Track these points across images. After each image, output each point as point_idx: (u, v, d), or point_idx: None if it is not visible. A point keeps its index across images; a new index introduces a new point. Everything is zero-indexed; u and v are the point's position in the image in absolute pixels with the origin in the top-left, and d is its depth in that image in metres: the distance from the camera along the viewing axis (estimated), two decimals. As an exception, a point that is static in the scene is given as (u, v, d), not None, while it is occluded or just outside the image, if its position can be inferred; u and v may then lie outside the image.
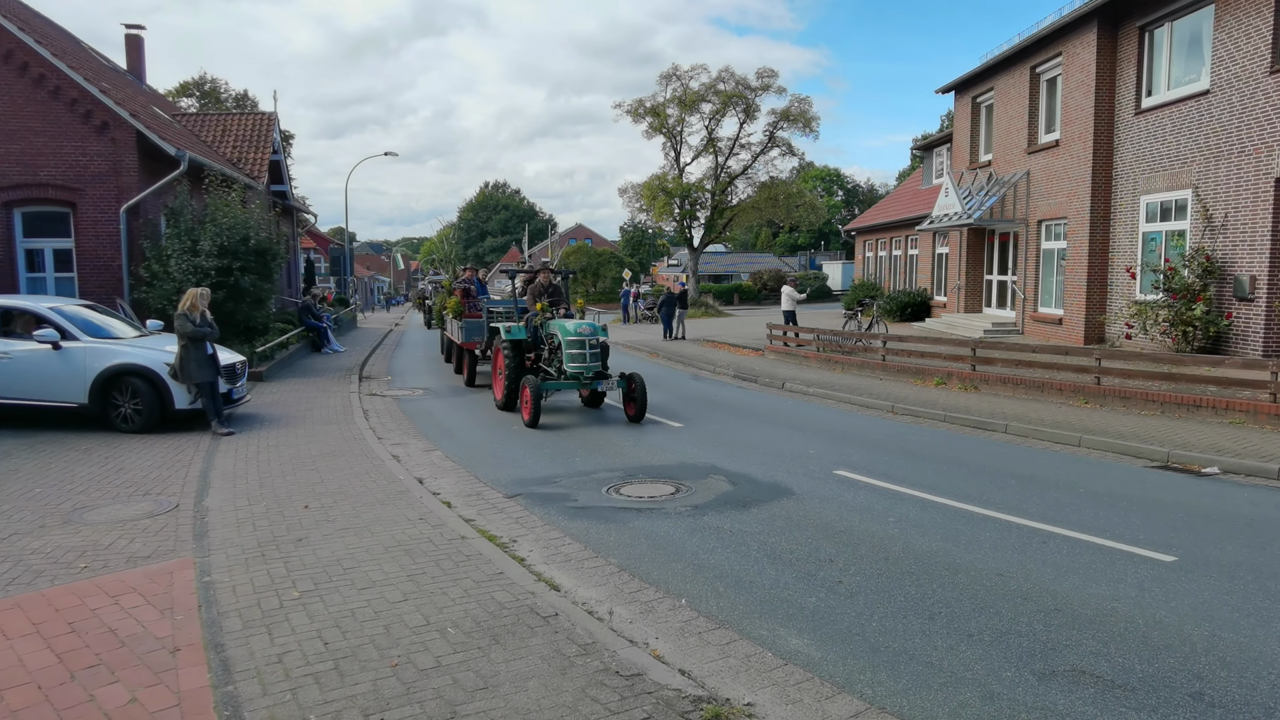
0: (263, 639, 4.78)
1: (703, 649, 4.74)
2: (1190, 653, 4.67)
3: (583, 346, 12.34)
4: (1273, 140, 14.06)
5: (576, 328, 12.52)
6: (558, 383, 12.56)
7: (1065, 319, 19.68)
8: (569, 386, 12.69)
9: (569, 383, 12.52)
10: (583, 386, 12.65)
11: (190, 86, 49.62)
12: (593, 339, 12.47)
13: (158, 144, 16.87)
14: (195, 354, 11.08)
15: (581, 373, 12.31)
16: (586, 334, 12.43)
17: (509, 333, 13.28)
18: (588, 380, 12.43)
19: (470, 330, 16.73)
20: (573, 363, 12.27)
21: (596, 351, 12.50)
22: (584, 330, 12.48)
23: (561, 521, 7.25)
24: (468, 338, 16.77)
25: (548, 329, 13.23)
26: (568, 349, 12.29)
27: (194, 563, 6.11)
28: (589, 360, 12.36)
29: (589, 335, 12.44)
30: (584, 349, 12.33)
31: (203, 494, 8.04)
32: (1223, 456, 9.48)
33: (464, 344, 16.94)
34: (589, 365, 12.35)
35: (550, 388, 12.60)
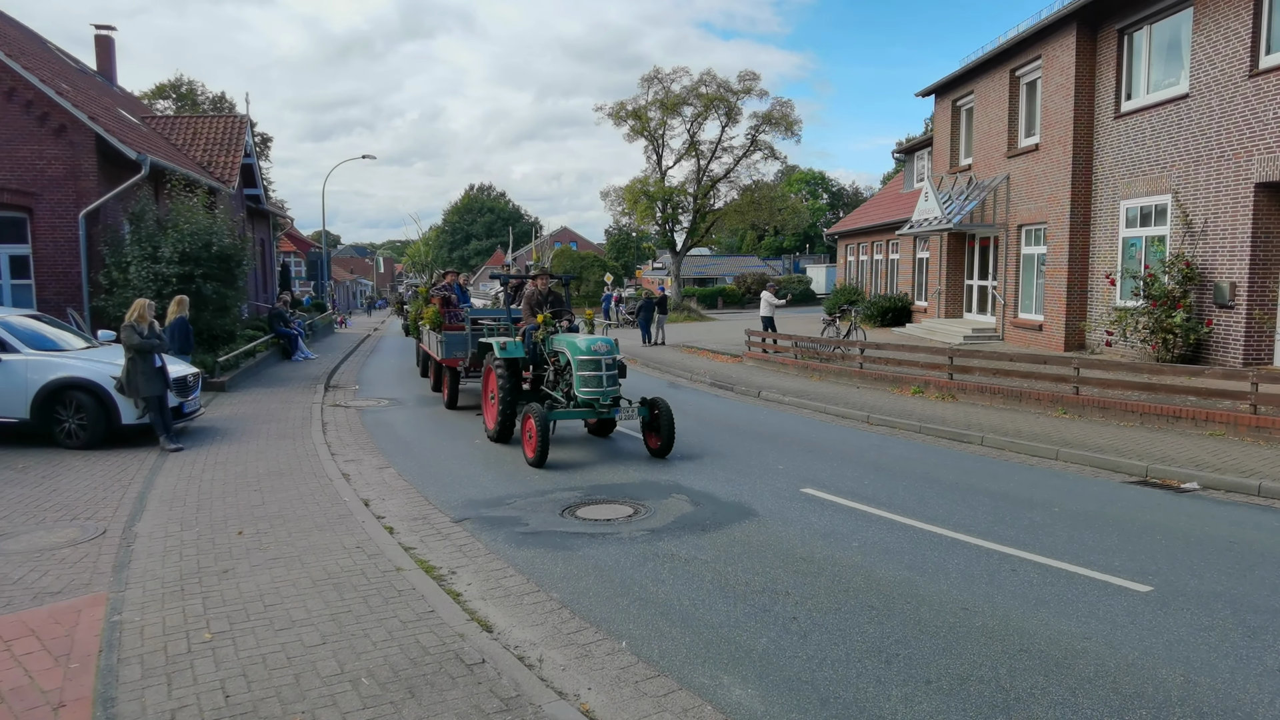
0: (159, 691, 4.38)
1: (637, 701, 4.37)
2: (1164, 702, 4.33)
3: (598, 367, 10.23)
4: (1252, 144, 13.82)
5: (590, 344, 10.37)
6: (567, 411, 10.44)
7: (1046, 325, 19.43)
8: (581, 415, 10.56)
9: (581, 411, 10.42)
10: (597, 415, 10.52)
11: (166, 89, 49.06)
12: (609, 357, 10.35)
13: (118, 147, 16.38)
14: (143, 367, 10.63)
15: (597, 399, 10.23)
16: (602, 352, 10.31)
17: (504, 350, 11.49)
18: (604, 408, 10.33)
19: (451, 345, 14.43)
20: (586, 387, 10.19)
21: (614, 373, 10.38)
22: (599, 348, 10.33)
23: (507, 550, 6.86)
24: (448, 353, 14.45)
25: (551, 345, 11.23)
26: (579, 370, 10.22)
27: (107, 599, 5.70)
28: (605, 384, 10.25)
29: (605, 354, 10.32)
30: (599, 370, 10.23)
31: (135, 518, 7.61)
32: (1202, 471, 9.18)
33: (444, 360, 14.58)
34: (605, 390, 10.24)
35: (559, 417, 10.46)
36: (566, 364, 10.69)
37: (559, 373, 11.07)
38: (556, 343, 11.06)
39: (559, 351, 10.97)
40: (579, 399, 10.29)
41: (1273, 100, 13.43)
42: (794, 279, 61.66)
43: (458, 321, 15.10)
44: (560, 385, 10.97)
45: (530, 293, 12.06)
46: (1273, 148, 13.42)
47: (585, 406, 10.37)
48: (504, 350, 11.48)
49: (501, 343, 11.60)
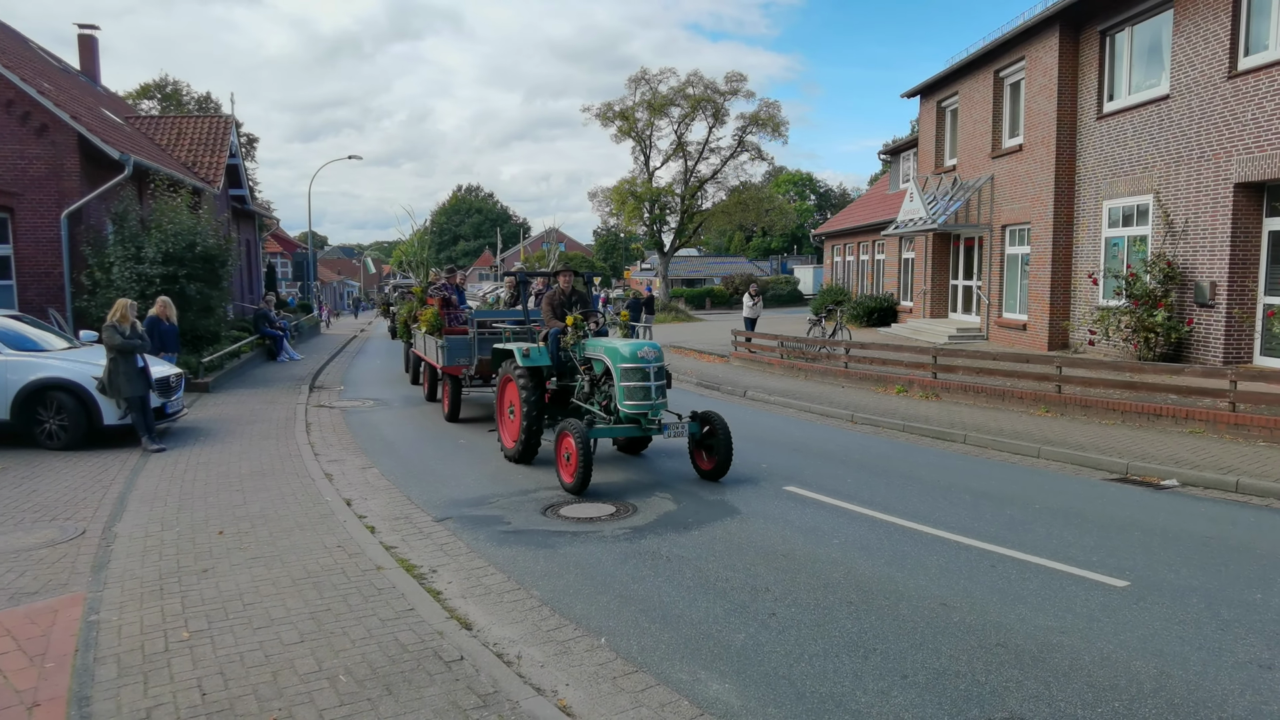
0: (135, 690, 4.36)
1: (615, 697, 4.38)
2: (1137, 694, 4.37)
3: (645, 377, 8.83)
4: (1231, 145, 13.95)
5: (634, 350, 8.93)
6: (610, 428, 9.13)
7: (1029, 324, 19.54)
8: (625, 433, 9.22)
9: (625, 428, 9.09)
10: (644, 432, 9.09)
11: (151, 89, 48.80)
12: (656, 365, 8.96)
13: (100, 147, 16.29)
14: (125, 367, 10.58)
15: (644, 413, 8.82)
16: (650, 359, 8.88)
17: (527, 357, 9.96)
18: (651, 424, 8.91)
19: (454, 350, 13.01)
20: (630, 399, 8.79)
21: (662, 384, 9.04)
22: (645, 354, 8.89)
23: (488, 548, 6.86)
24: (451, 360, 13.00)
25: (583, 351, 9.83)
26: (623, 380, 8.84)
27: (84, 599, 5.67)
28: (654, 395, 8.86)
29: (653, 360, 8.90)
30: (647, 380, 8.83)
31: (115, 519, 7.57)
32: (1182, 468, 9.26)
33: (445, 368, 13.10)
34: (654, 403, 8.84)
35: (602, 435, 9.14)
36: (604, 373, 9.45)
37: (595, 383, 9.71)
38: (590, 348, 9.70)
39: (594, 359, 9.61)
40: (622, 413, 8.94)
41: (1251, 101, 13.56)
42: (781, 280, 61.84)
43: (459, 324, 13.95)
44: (596, 397, 9.65)
45: (552, 292, 10.65)
46: (1251, 148, 13.54)
47: (629, 422, 8.99)
48: (527, 358, 9.93)
49: (524, 349, 10.03)
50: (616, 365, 8.98)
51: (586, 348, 9.78)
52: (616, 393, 8.96)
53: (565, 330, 9.96)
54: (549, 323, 10.36)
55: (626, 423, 9.04)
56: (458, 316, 14.25)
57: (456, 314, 14.34)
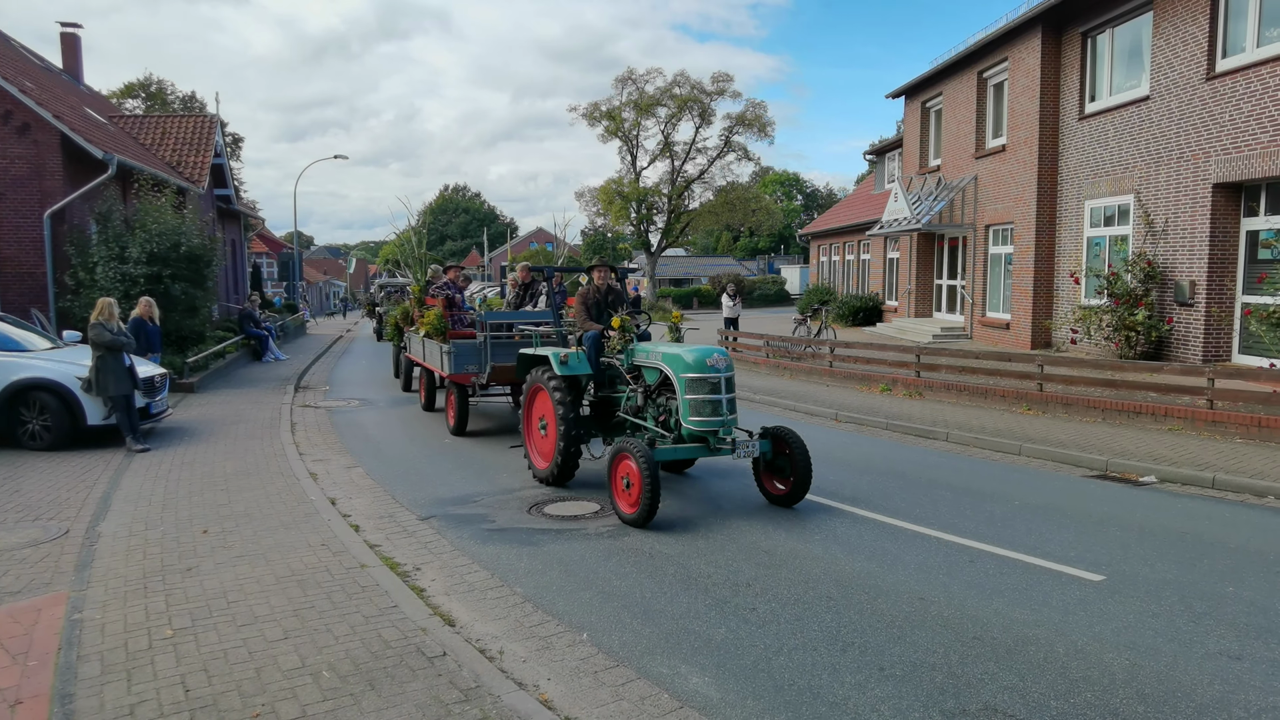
0: (119, 687, 4.38)
1: (596, 690, 4.43)
2: (1109, 685, 4.45)
3: (715, 389, 7.62)
4: (1210, 146, 14.11)
5: (701, 357, 7.68)
6: (674, 448, 7.83)
7: (1012, 324, 19.70)
8: (692, 453, 7.90)
9: (691, 448, 7.82)
10: (713, 452, 7.79)
11: (136, 88, 48.50)
12: (727, 374, 7.75)
13: (83, 146, 16.23)
14: (111, 366, 10.56)
15: (714, 431, 7.61)
16: (720, 368, 7.69)
17: (565, 365, 8.66)
18: (723, 443, 7.67)
19: (462, 356, 11.72)
20: (697, 415, 7.56)
21: (733, 397, 7.82)
22: (715, 361, 7.69)
23: (472, 546, 6.90)
24: (459, 367, 11.71)
25: (631, 358, 8.60)
26: (689, 393, 7.60)
27: (68, 597, 5.68)
28: (725, 410, 7.63)
29: (724, 369, 7.71)
30: (718, 392, 7.63)
31: (99, 518, 7.57)
32: (1160, 465, 9.38)
33: (452, 376, 11.85)
34: (725, 419, 7.62)
35: (667, 457, 7.84)
36: (660, 383, 8.23)
37: (649, 395, 8.40)
38: (641, 355, 8.44)
39: (647, 366, 8.36)
40: (685, 430, 7.73)
41: (1229, 103, 13.72)
42: (768, 279, 62.00)
43: (464, 326, 12.75)
44: (650, 411, 8.35)
45: (586, 289, 9.47)
46: (1229, 149, 13.71)
47: (695, 441, 7.80)
48: (565, 366, 8.66)
49: (561, 355, 8.73)
50: (679, 375, 7.69)
51: (636, 354, 8.51)
52: (680, 407, 7.70)
53: (606, 334, 8.81)
54: (583, 325, 9.09)
55: (691, 442, 7.83)
56: (462, 318, 13.03)
57: (461, 315, 13.09)
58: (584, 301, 9.31)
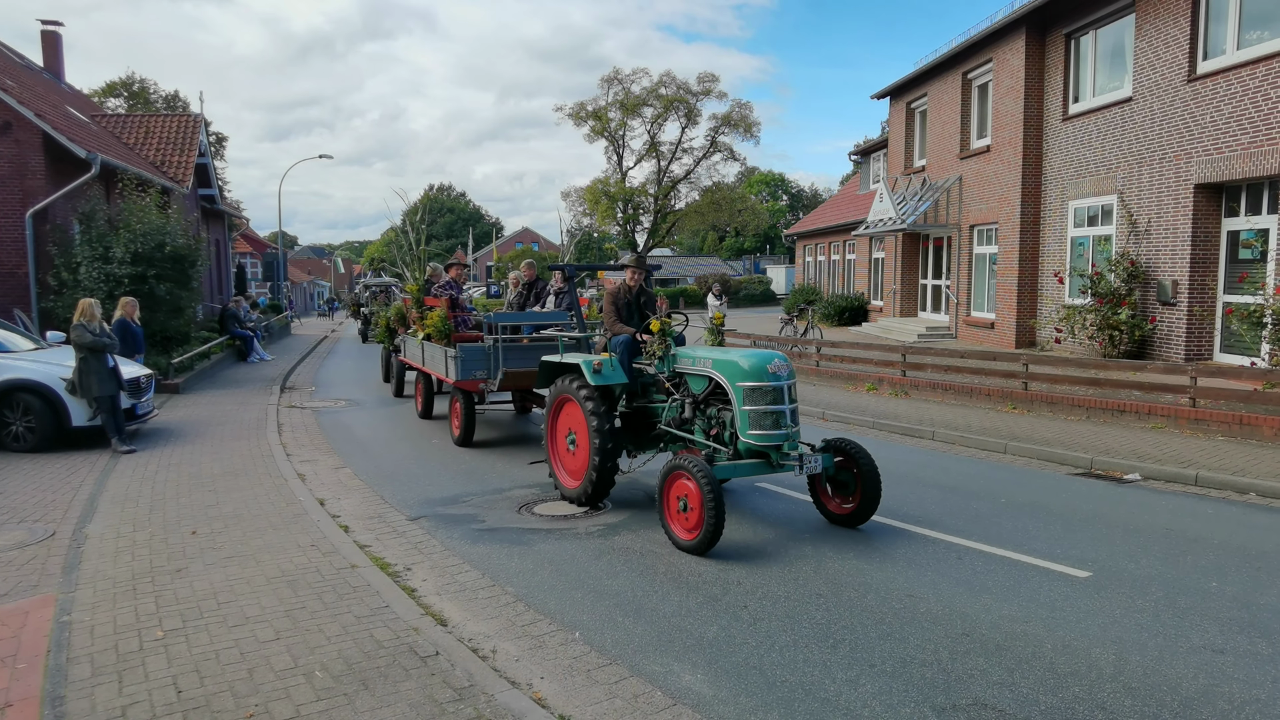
0: (110, 689, 4.37)
1: (589, 689, 4.45)
2: (1096, 679, 4.50)
3: (778, 398, 6.89)
4: (1191, 147, 14.26)
5: (760, 364, 6.96)
6: (733, 465, 7.03)
7: (997, 323, 19.84)
8: (752, 471, 7.11)
9: (751, 464, 7.05)
10: (775, 469, 7.03)
11: (118, 86, 48.10)
12: (789, 382, 7.02)
13: (66, 145, 16.11)
14: (95, 366, 10.49)
15: (778, 446, 6.88)
16: (783, 374, 6.97)
17: (598, 373, 7.78)
18: (788, 458, 6.93)
19: (470, 361, 10.80)
20: (757, 429, 6.83)
21: (795, 407, 7.07)
22: (777, 367, 6.97)
23: (463, 546, 6.90)
24: (466, 373, 10.80)
25: (672, 364, 7.83)
26: (747, 404, 6.87)
27: (55, 600, 5.65)
28: (789, 422, 6.93)
29: (786, 377, 6.98)
30: (781, 402, 6.90)
31: (86, 520, 7.52)
32: (1144, 463, 9.48)
33: (460, 383, 10.93)
34: (790, 432, 6.93)
35: (727, 475, 7.19)
36: (711, 392, 7.47)
37: (699, 406, 7.59)
38: (686, 360, 7.68)
39: (693, 374, 7.60)
40: (743, 445, 6.99)
41: (1210, 104, 13.87)
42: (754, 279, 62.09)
43: (468, 329, 11.97)
44: (700, 423, 7.58)
45: (616, 289, 8.71)
46: (1210, 150, 13.86)
47: (754, 457, 7.07)
48: (598, 374, 7.80)
49: (595, 363, 7.83)
50: (735, 384, 6.96)
51: (679, 360, 7.77)
52: (736, 419, 6.98)
53: (639, 338, 8.13)
54: (613, 328, 8.38)
55: (750, 457, 7.10)
56: (466, 320, 12.24)
57: (466, 318, 12.31)
58: (614, 303, 8.54)
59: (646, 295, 8.87)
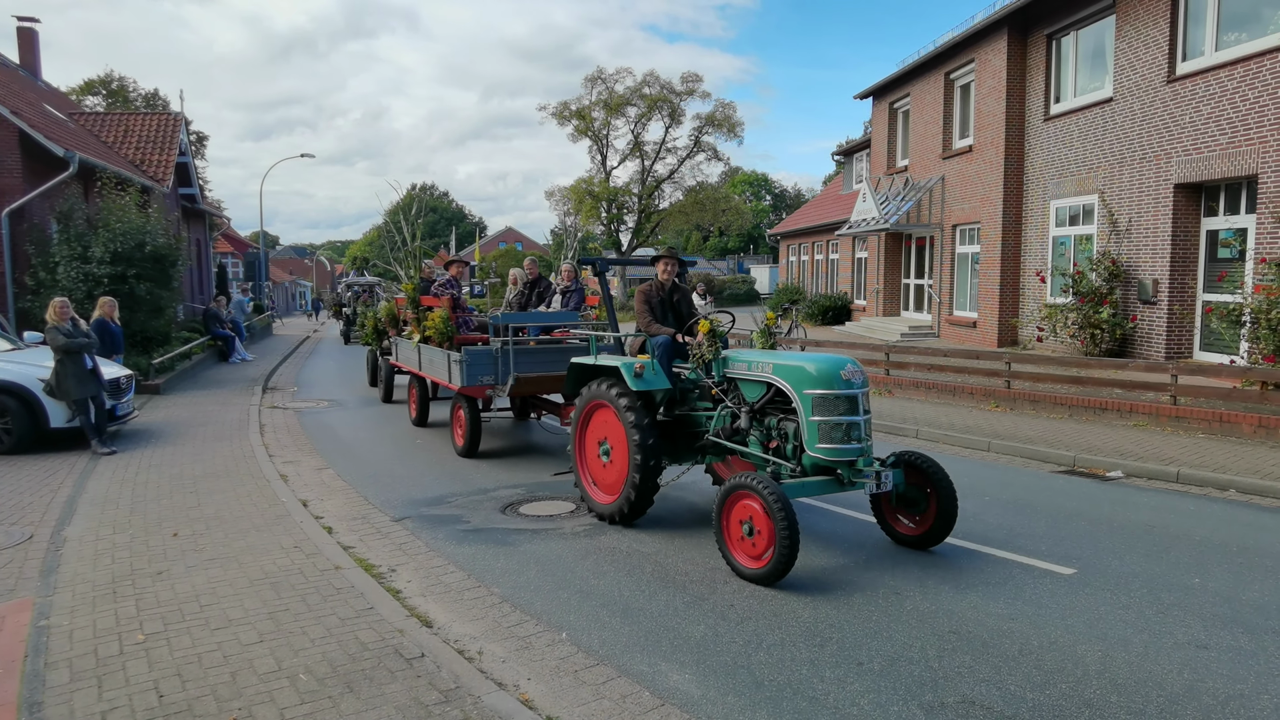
0: (89, 694, 4.30)
1: (576, 689, 4.42)
2: (1083, 676, 4.52)
3: (851, 408, 6.19)
4: (1171, 147, 14.38)
5: (831, 369, 6.26)
6: (801, 483, 6.24)
7: (979, 322, 19.94)
8: (821, 490, 6.34)
9: (820, 482, 6.30)
10: (846, 487, 6.31)
11: (96, 84, 47.53)
12: (864, 389, 6.35)
13: (44, 143, 15.92)
14: (73, 368, 10.36)
15: (850, 460, 6.19)
16: (857, 381, 6.28)
17: (639, 378, 7.10)
18: (859, 475, 6.23)
19: (477, 365, 9.97)
20: (828, 442, 6.12)
21: (869, 418, 6.40)
22: (851, 374, 6.26)
23: (448, 547, 6.86)
24: (471, 379, 9.95)
25: (722, 369, 7.06)
26: (816, 413, 6.16)
27: (33, 604, 5.56)
28: (864, 435, 6.25)
29: (860, 385, 6.29)
30: (856, 412, 6.21)
31: (64, 522, 7.42)
32: (1126, 460, 9.55)
33: (465, 389, 10.11)
34: (865, 445, 6.24)
35: (795, 494, 6.13)
36: (769, 399, 6.69)
37: (756, 414, 6.84)
38: (739, 364, 6.92)
39: (750, 380, 6.81)
40: (810, 460, 6.29)
41: (1189, 105, 13.99)
42: (738, 279, 62.20)
43: (470, 330, 11.40)
44: (756, 434, 6.82)
45: (649, 286, 8.00)
46: (1190, 150, 13.98)
47: (822, 473, 6.36)
48: (639, 379, 7.12)
49: (636, 366, 7.14)
50: (802, 392, 6.24)
51: (731, 364, 7.02)
52: (803, 431, 6.27)
53: (682, 339, 7.51)
54: (648, 328, 7.72)
55: (818, 474, 6.37)
56: (469, 321, 11.63)
57: (468, 318, 11.69)
58: (647, 300, 7.86)
59: (681, 292, 8.18)
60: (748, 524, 5.93)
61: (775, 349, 7.52)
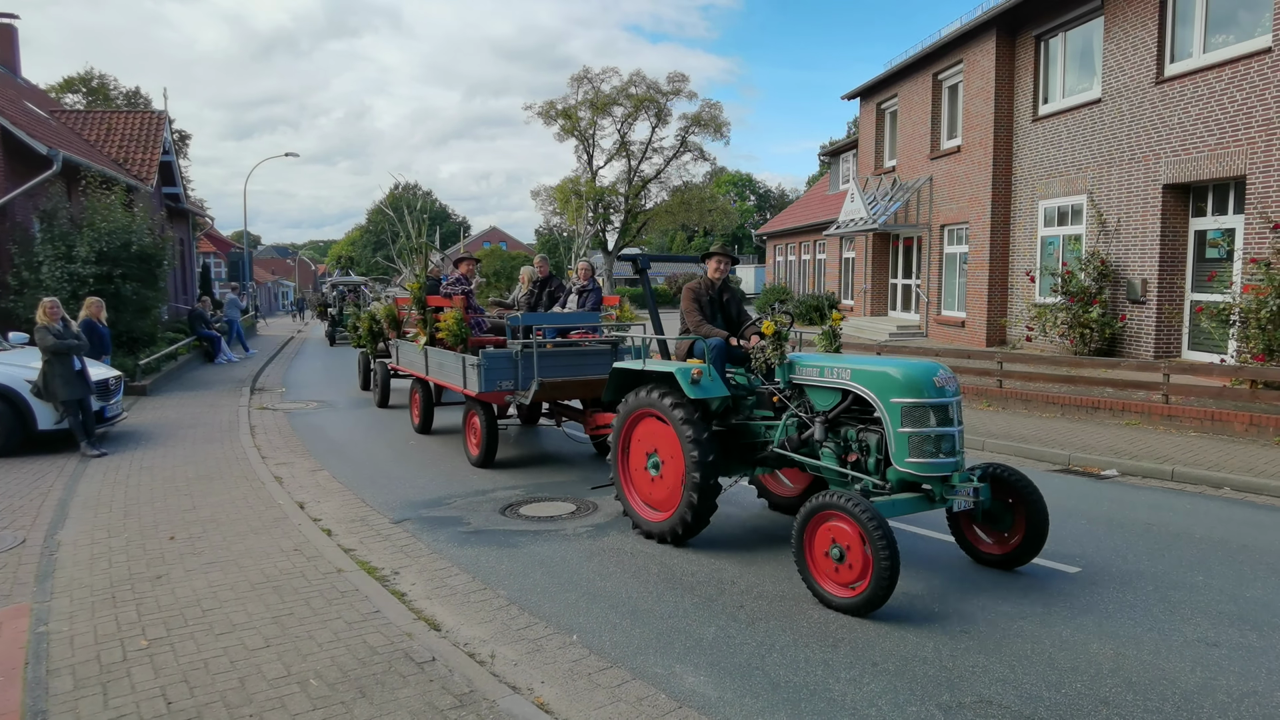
0: (95, 701, 4.22)
1: (592, 693, 4.38)
2: (1096, 674, 4.52)
3: (944, 419, 5.71)
4: (1160, 148, 14.48)
5: (922, 376, 5.75)
6: (891, 501, 5.72)
7: (968, 322, 20.02)
8: (914, 508, 5.83)
9: (910, 499, 5.80)
10: (937, 504, 5.82)
11: (76, 82, 46.95)
12: (957, 398, 5.85)
13: (26, 142, 15.68)
14: (60, 370, 10.21)
15: (943, 476, 5.69)
16: (950, 389, 5.79)
17: (696, 384, 6.50)
18: (953, 492, 5.73)
19: (495, 370, 9.40)
20: (918, 455, 5.63)
21: (963, 429, 5.88)
22: (944, 380, 5.79)
23: (450, 549, 6.79)
24: (489, 384, 9.39)
25: (788, 374, 6.54)
26: (906, 424, 5.66)
27: (30, 609, 5.46)
28: (958, 447, 5.76)
29: (952, 393, 5.80)
30: (949, 424, 5.72)
31: (57, 526, 7.30)
32: (1121, 459, 9.60)
33: (482, 395, 9.52)
34: (959, 458, 5.77)
35: (889, 512, 5.57)
36: (844, 407, 6.19)
37: (832, 424, 6.29)
38: (810, 369, 6.40)
39: (823, 387, 6.32)
40: (896, 475, 5.79)
41: (1177, 106, 14.09)
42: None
43: (482, 332, 10.78)
44: (831, 446, 6.25)
45: (697, 283, 7.49)
46: (1178, 151, 14.08)
47: (913, 490, 5.87)
48: (697, 386, 6.52)
49: (694, 372, 6.52)
50: (889, 400, 5.73)
51: (800, 368, 6.48)
52: (890, 444, 5.75)
53: (738, 344, 7.01)
54: (698, 329, 7.17)
55: (906, 490, 5.87)
56: (481, 323, 11.02)
57: (479, 319, 11.06)
58: (695, 300, 7.33)
59: (731, 291, 7.67)
60: (839, 549, 5.36)
61: (840, 351, 7.04)
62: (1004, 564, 6.19)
